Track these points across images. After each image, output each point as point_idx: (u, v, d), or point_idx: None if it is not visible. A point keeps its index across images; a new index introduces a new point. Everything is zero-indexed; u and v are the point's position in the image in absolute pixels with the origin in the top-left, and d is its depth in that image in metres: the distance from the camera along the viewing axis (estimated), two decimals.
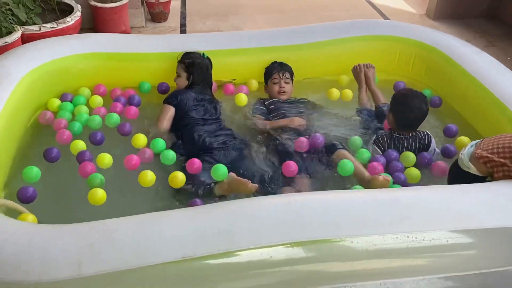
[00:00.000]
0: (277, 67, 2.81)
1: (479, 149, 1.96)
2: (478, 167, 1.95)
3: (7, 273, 1.38)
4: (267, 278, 1.56)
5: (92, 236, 1.48)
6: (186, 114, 2.49)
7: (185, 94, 2.54)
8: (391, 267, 1.66)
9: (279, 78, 2.76)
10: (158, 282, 1.46)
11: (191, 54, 2.65)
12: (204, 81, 2.65)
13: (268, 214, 1.60)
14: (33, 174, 2.08)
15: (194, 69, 2.60)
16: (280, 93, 2.75)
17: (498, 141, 1.93)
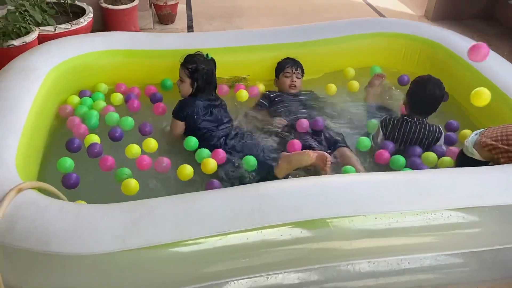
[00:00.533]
0: (290, 62, 2.94)
1: (483, 137, 2.10)
2: (481, 153, 2.09)
3: (59, 246, 1.47)
4: (296, 253, 1.67)
5: (135, 213, 1.58)
6: (198, 124, 2.45)
7: (193, 106, 2.46)
8: (410, 243, 1.78)
9: (292, 72, 2.89)
10: (195, 255, 1.57)
11: (195, 57, 2.54)
12: (209, 86, 2.56)
13: (295, 194, 1.71)
14: (67, 165, 2.19)
15: (199, 75, 2.49)
16: (291, 86, 2.88)
17: (502, 130, 2.08)
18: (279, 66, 2.97)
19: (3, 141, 1.92)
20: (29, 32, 3.25)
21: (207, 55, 2.59)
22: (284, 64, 2.94)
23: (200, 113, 2.45)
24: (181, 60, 2.57)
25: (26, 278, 1.53)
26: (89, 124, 2.48)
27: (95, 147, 2.29)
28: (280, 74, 2.94)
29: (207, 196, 1.71)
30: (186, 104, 2.48)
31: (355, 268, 1.78)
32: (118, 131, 2.45)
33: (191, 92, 2.53)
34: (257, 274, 1.69)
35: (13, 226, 1.51)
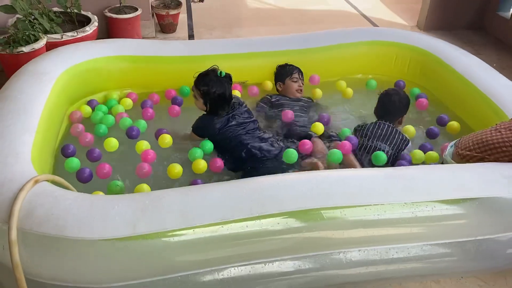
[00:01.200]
0: (296, 68, 3.08)
1: (458, 149, 2.26)
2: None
3: (74, 232, 1.60)
4: (291, 241, 1.80)
5: (143, 202, 1.71)
6: (222, 137, 2.49)
7: (210, 126, 2.49)
8: (398, 233, 1.92)
9: (298, 78, 3.05)
10: (200, 241, 1.70)
11: (207, 79, 2.45)
12: (223, 105, 2.50)
13: (292, 186, 1.85)
14: (74, 164, 2.34)
15: (210, 98, 2.45)
16: (298, 91, 3.03)
17: (473, 139, 2.22)
18: (285, 71, 3.09)
19: (19, 139, 2.05)
20: (37, 39, 3.40)
21: (221, 73, 2.46)
22: (291, 69, 3.07)
23: (220, 127, 2.47)
24: (195, 76, 2.52)
25: (42, 261, 1.65)
26: (99, 131, 2.64)
27: (94, 152, 2.45)
28: (286, 79, 3.06)
29: (210, 188, 1.85)
30: (205, 124, 2.52)
31: (346, 257, 1.91)
32: (134, 130, 2.63)
33: (206, 110, 2.54)
34: (255, 260, 1.82)
35: (31, 213, 1.64)
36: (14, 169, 1.85)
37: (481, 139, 2.16)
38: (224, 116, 2.50)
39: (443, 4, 4.99)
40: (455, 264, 2.06)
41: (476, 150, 2.16)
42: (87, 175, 2.24)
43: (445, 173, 1.98)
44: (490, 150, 2.11)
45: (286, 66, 3.11)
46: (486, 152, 2.12)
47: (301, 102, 3.04)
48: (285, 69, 3.10)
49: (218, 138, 2.51)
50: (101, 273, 1.68)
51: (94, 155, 2.44)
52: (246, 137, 2.49)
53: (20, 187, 1.72)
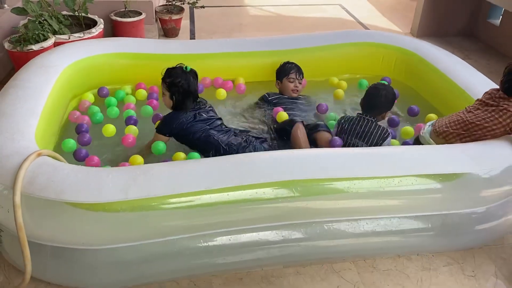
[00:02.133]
0: (295, 67, 3.13)
1: (436, 127, 2.49)
2: (437, 141, 2.45)
3: (71, 196, 1.78)
4: (268, 211, 1.98)
5: (134, 172, 1.90)
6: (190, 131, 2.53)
7: (177, 119, 2.53)
8: (368, 206, 2.09)
9: (295, 78, 3.11)
10: (185, 208, 1.87)
11: (173, 72, 2.56)
12: (188, 98, 2.57)
13: (270, 161, 2.03)
14: (70, 145, 2.59)
15: (175, 89, 2.52)
16: (293, 91, 3.13)
17: (449, 119, 2.49)
18: (283, 70, 3.16)
19: (26, 120, 2.26)
20: (46, 38, 3.64)
21: (186, 67, 2.59)
22: (289, 69, 3.13)
23: (187, 122, 2.53)
24: (162, 74, 2.62)
25: (42, 223, 1.84)
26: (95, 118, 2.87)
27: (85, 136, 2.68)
28: (283, 78, 3.14)
29: (196, 162, 2.04)
30: (171, 119, 2.55)
31: (322, 227, 2.09)
32: (132, 119, 2.85)
33: (172, 105, 2.59)
34: (235, 228, 2.00)
35: (34, 180, 1.83)
36: (20, 144, 2.05)
37: (456, 119, 2.43)
38: (191, 112, 2.56)
39: (436, 12, 5.19)
40: (424, 239, 2.22)
41: (452, 127, 2.41)
42: (83, 155, 2.47)
43: (412, 151, 2.16)
44: (465, 126, 2.37)
45: (286, 65, 3.16)
46: (462, 129, 2.37)
47: (299, 101, 3.16)
48: (283, 67, 3.16)
49: (185, 133, 2.54)
50: (94, 234, 1.87)
51: (84, 139, 2.65)
52: (213, 131, 2.56)
53: (25, 158, 1.91)
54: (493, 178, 2.15)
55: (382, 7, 6.42)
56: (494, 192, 2.23)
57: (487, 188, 2.19)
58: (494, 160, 2.17)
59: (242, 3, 6.41)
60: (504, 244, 2.41)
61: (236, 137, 2.60)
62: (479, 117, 2.35)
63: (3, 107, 2.30)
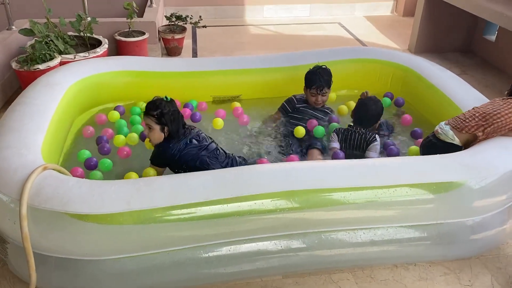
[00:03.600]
0: (318, 82, 3.06)
1: (454, 125, 2.56)
2: (461, 137, 2.53)
3: (76, 208, 1.85)
4: (267, 221, 2.03)
5: (137, 184, 1.97)
6: (183, 160, 2.48)
7: (169, 149, 2.45)
8: (364, 216, 2.14)
9: (316, 94, 3.10)
10: (186, 218, 1.93)
11: (157, 103, 2.44)
12: (180, 125, 2.50)
13: (267, 173, 2.09)
14: (85, 155, 2.73)
15: (166, 119, 2.41)
16: (314, 103, 3.17)
17: (465, 115, 2.59)
18: (307, 80, 3.13)
19: (32, 136, 2.34)
20: (52, 58, 3.75)
21: (166, 97, 2.49)
22: (312, 82, 3.08)
23: (180, 151, 2.46)
24: (143, 109, 2.54)
25: (47, 234, 1.90)
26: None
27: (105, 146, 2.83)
28: (307, 89, 3.14)
29: (196, 175, 2.10)
30: (165, 150, 2.46)
31: (320, 237, 2.13)
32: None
33: (164, 137, 2.48)
34: (235, 238, 2.05)
35: (39, 192, 1.90)
36: (26, 158, 2.12)
37: (472, 114, 2.54)
38: (182, 140, 2.48)
39: (432, 28, 5.30)
40: (420, 248, 2.26)
41: (472, 121, 2.50)
42: (94, 163, 2.67)
43: (407, 161, 2.22)
44: (484, 118, 2.48)
45: (311, 76, 3.10)
46: (481, 120, 2.48)
47: (319, 113, 3.22)
48: (308, 78, 3.12)
49: (179, 163, 2.47)
50: (98, 245, 1.92)
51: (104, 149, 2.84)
52: (208, 159, 2.50)
53: (31, 171, 1.99)
54: (487, 188, 2.20)
55: (380, 25, 6.56)
56: (489, 202, 2.28)
57: (481, 198, 2.23)
58: (489, 169, 2.22)
59: (243, 23, 6.56)
60: (500, 254, 2.44)
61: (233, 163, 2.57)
62: (495, 108, 2.49)
63: (11, 123, 2.38)
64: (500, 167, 2.24)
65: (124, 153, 2.81)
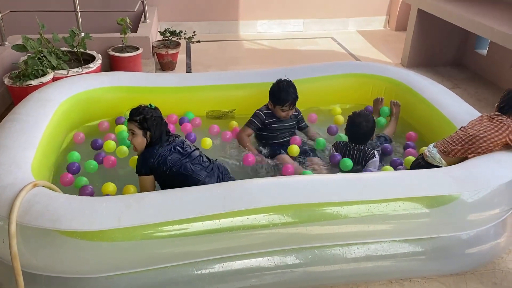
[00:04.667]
0: (290, 99, 3.04)
1: (442, 148, 2.61)
2: (448, 160, 2.58)
3: (66, 225, 1.82)
4: (259, 237, 2.01)
5: (128, 200, 1.95)
6: (169, 167, 2.43)
7: (154, 154, 2.43)
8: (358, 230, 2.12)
9: (289, 109, 3.08)
10: (178, 234, 1.91)
11: (140, 109, 2.45)
12: (162, 131, 2.49)
13: (260, 188, 2.08)
14: (75, 156, 2.85)
15: (149, 123, 2.41)
16: (285, 117, 3.14)
17: (451, 138, 2.63)
18: (278, 99, 3.06)
19: (23, 153, 2.32)
20: (45, 74, 3.75)
21: (151, 105, 2.52)
22: (284, 101, 3.04)
23: (163, 157, 2.43)
24: (126, 116, 2.55)
25: (37, 252, 1.87)
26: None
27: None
28: (277, 106, 3.08)
29: (187, 190, 2.08)
30: (146, 156, 2.44)
31: (313, 252, 2.11)
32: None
33: (146, 143, 2.46)
34: (227, 254, 2.02)
35: (29, 210, 1.88)
36: (16, 175, 2.10)
37: (459, 137, 2.59)
38: (166, 146, 2.47)
39: (424, 43, 5.36)
40: (415, 263, 2.24)
41: (458, 144, 2.55)
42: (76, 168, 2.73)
43: (399, 175, 2.21)
44: (470, 141, 2.51)
45: (281, 94, 3.05)
46: (467, 144, 2.52)
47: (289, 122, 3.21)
48: (279, 97, 3.06)
49: (163, 168, 2.42)
50: (88, 263, 1.89)
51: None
52: (191, 165, 2.48)
53: (20, 188, 1.96)
54: (481, 201, 2.19)
55: (373, 39, 6.62)
56: (483, 216, 2.27)
57: (475, 212, 2.23)
58: (482, 182, 2.22)
59: (237, 38, 6.60)
60: (495, 268, 2.42)
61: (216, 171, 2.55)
62: (481, 130, 2.51)
63: (1, 140, 2.37)
64: (493, 180, 2.24)
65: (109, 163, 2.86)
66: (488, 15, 4.36)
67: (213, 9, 6.55)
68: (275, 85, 3.12)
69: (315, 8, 6.84)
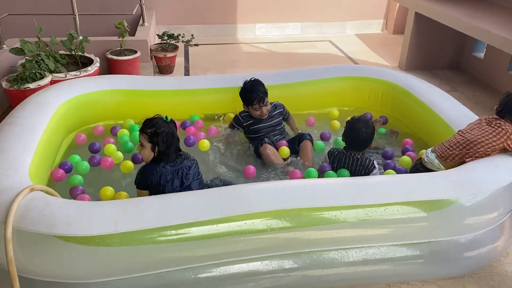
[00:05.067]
0: (257, 96, 3.06)
1: (440, 153, 2.61)
2: (446, 165, 2.58)
3: (62, 229, 1.82)
4: (257, 242, 2.01)
5: (125, 205, 1.95)
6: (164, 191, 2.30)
7: (155, 173, 2.30)
8: (355, 235, 2.12)
9: (260, 106, 3.10)
10: (175, 239, 1.90)
11: (153, 121, 2.34)
12: (171, 149, 2.35)
13: (257, 192, 2.08)
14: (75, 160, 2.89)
15: (159, 139, 2.29)
16: (261, 116, 3.16)
17: (449, 143, 2.63)
18: (246, 100, 3.11)
19: (20, 156, 2.31)
20: (43, 77, 3.74)
21: (166, 117, 2.40)
22: (252, 98, 3.06)
23: (165, 179, 2.31)
24: (140, 125, 2.46)
25: (34, 256, 1.86)
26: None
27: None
28: (249, 106, 3.12)
29: (184, 194, 2.08)
30: (147, 171, 2.34)
31: (311, 257, 2.11)
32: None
33: (153, 157, 2.35)
34: (226, 260, 2.02)
35: (25, 214, 1.87)
36: (13, 179, 2.09)
37: (456, 141, 2.59)
38: (169, 167, 2.33)
39: (422, 46, 5.38)
40: (413, 267, 2.24)
41: (456, 149, 2.55)
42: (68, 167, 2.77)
43: (397, 179, 2.21)
44: (468, 146, 2.51)
45: (246, 94, 3.09)
46: (465, 149, 2.52)
47: (272, 120, 3.22)
48: (245, 96, 3.10)
49: (158, 190, 2.31)
50: (85, 268, 1.89)
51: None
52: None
53: (17, 193, 1.95)
54: (479, 205, 2.19)
55: (371, 43, 6.63)
56: (481, 219, 2.27)
57: (473, 216, 2.23)
58: (480, 186, 2.22)
59: (235, 41, 6.61)
60: (493, 271, 2.43)
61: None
62: (479, 135, 2.51)
63: None
64: (491, 184, 2.24)
65: (106, 164, 2.87)
66: (485, 18, 4.38)
67: (211, 12, 6.56)
68: (242, 87, 3.17)
69: (313, 11, 6.86)
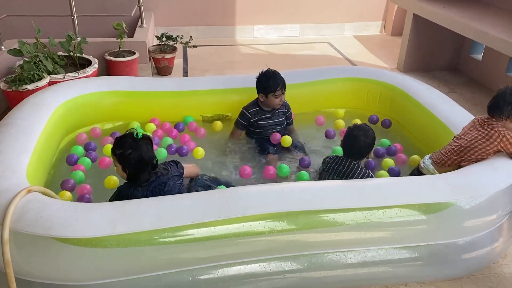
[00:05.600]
0: (280, 83, 3.07)
1: (436, 160, 2.65)
2: (441, 171, 2.59)
3: (60, 231, 1.81)
4: (255, 244, 2.00)
5: (123, 206, 1.94)
6: None
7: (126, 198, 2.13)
8: (354, 238, 2.12)
9: (281, 93, 3.10)
10: (173, 241, 1.90)
11: (122, 141, 2.17)
12: (142, 170, 2.18)
13: (256, 194, 2.07)
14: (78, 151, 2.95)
15: (126, 162, 2.16)
16: (278, 104, 3.15)
17: (444, 150, 2.65)
18: (268, 87, 3.06)
19: (17, 157, 2.30)
20: (41, 78, 3.74)
21: (137, 134, 2.18)
22: (275, 86, 3.04)
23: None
24: (143, 128, 2.48)
25: (31, 259, 1.86)
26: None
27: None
28: (269, 94, 3.07)
29: (183, 196, 2.07)
30: (121, 192, 2.23)
31: (310, 260, 2.10)
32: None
33: (126, 177, 2.22)
34: (223, 262, 2.01)
35: (23, 216, 1.86)
36: (11, 181, 2.09)
37: (451, 149, 2.62)
38: (145, 187, 2.21)
39: (420, 48, 5.38)
40: (412, 269, 2.23)
41: (450, 156, 2.59)
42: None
43: (396, 182, 2.21)
44: (461, 152, 2.54)
45: (270, 81, 3.07)
46: (459, 155, 2.55)
47: (277, 113, 3.23)
48: (268, 84, 3.07)
49: None
50: (82, 270, 1.88)
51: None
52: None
53: (14, 195, 1.94)
54: (477, 208, 2.19)
55: (369, 44, 6.64)
56: (479, 222, 2.27)
57: (472, 218, 2.23)
58: (478, 189, 2.22)
59: (233, 42, 6.61)
60: (491, 273, 2.43)
61: None
62: (472, 140, 2.51)
63: None
64: (490, 187, 2.24)
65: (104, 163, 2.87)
66: (483, 20, 4.38)
67: (209, 14, 6.56)
68: (261, 76, 3.16)
69: (312, 13, 6.87)
